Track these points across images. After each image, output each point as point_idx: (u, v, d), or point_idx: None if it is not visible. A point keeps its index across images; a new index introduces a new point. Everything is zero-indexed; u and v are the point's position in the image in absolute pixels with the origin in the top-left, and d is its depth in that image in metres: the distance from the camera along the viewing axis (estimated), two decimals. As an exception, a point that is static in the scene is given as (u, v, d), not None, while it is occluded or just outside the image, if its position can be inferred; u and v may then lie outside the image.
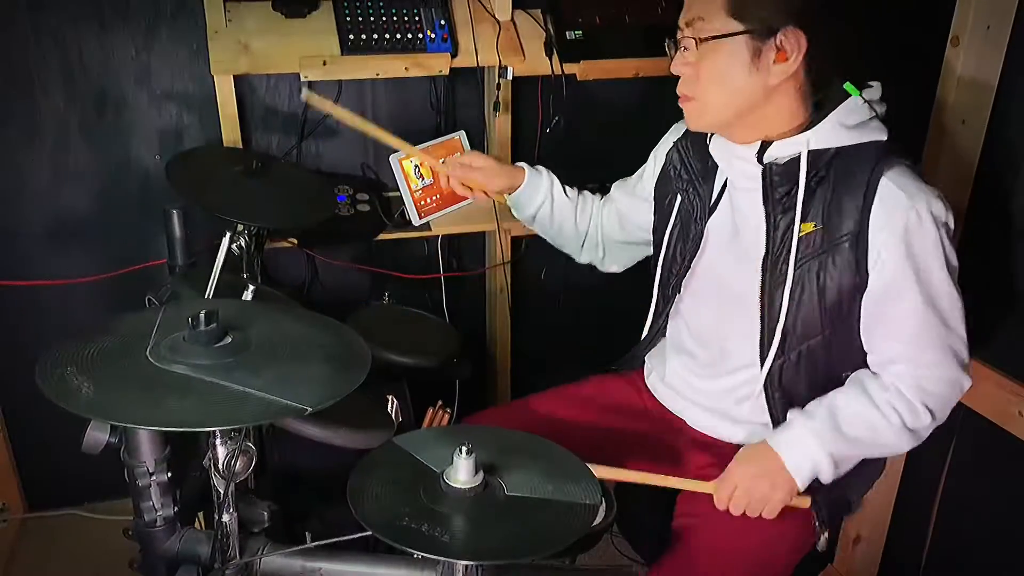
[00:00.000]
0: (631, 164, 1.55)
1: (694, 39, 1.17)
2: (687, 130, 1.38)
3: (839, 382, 1.28)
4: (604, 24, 1.95)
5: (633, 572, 1.23)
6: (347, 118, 1.52)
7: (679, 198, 1.38)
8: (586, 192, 1.57)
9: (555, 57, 1.91)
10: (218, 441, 0.99)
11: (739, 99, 1.19)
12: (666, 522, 1.35)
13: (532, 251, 2.17)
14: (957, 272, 1.21)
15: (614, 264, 1.59)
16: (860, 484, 1.41)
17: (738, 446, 1.32)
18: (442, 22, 1.85)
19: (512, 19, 1.93)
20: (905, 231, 1.15)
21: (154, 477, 1.06)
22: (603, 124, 2.12)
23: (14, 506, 2.10)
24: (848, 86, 1.20)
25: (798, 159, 1.20)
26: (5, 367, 1.95)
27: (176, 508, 1.10)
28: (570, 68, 1.93)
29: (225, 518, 1.04)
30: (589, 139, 2.12)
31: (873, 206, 1.16)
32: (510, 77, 1.91)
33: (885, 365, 1.24)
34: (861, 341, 1.26)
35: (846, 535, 1.89)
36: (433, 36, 1.84)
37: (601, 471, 1.13)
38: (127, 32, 1.80)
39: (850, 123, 1.19)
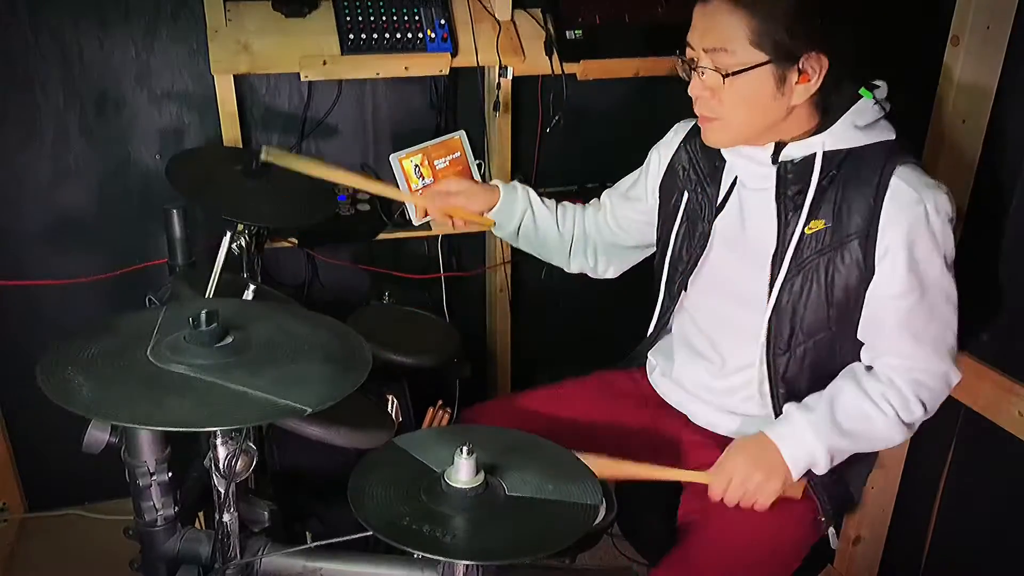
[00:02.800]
0: (631, 164, 1.55)
1: (718, 71, 1.17)
2: (692, 130, 1.38)
3: None
4: (604, 24, 1.95)
5: (633, 572, 1.23)
6: (311, 169, 1.48)
7: (686, 197, 1.39)
8: (565, 202, 1.57)
9: (555, 57, 1.91)
10: (219, 441, 0.99)
11: (763, 120, 1.21)
12: (667, 522, 1.35)
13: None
14: (953, 263, 1.23)
15: (609, 269, 1.58)
16: (858, 477, 1.42)
17: None
18: (442, 22, 1.85)
19: (512, 19, 1.93)
20: (913, 226, 1.18)
21: (155, 477, 1.06)
22: (603, 124, 2.12)
23: (14, 506, 2.10)
24: (863, 91, 1.22)
25: (812, 158, 1.22)
26: (5, 367, 1.95)
27: (176, 508, 1.10)
28: (570, 68, 1.93)
29: (226, 518, 1.04)
30: (589, 139, 2.12)
31: (884, 203, 1.18)
32: (510, 77, 1.91)
33: (880, 357, 1.25)
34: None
35: (846, 535, 1.89)
36: (433, 36, 1.84)
37: (593, 461, 1.13)
38: (127, 32, 1.80)
39: (861, 123, 1.22)
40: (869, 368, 1.27)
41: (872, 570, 1.88)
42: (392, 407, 1.64)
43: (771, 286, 1.26)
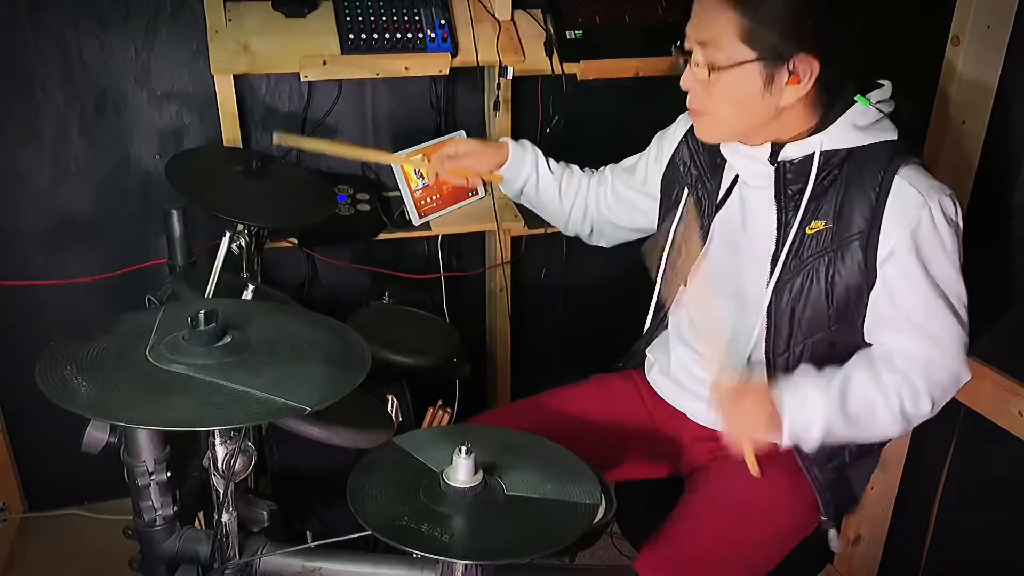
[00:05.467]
0: (630, 164, 1.55)
1: (707, 64, 1.17)
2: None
3: None
4: (604, 24, 1.95)
5: (633, 572, 1.22)
6: (322, 147, 1.51)
7: (686, 192, 1.39)
8: (573, 167, 1.57)
9: (555, 57, 1.91)
10: (217, 441, 0.99)
11: (752, 118, 1.20)
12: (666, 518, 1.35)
13: (532, 251, 2.17)
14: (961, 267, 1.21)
15: (602, 240, 1.60)
16: (862, 477, 1.41)
17: None
18: (442, 22, 1.85)
19: (512, 19, 1.93)
20: (917, 228, 1.16)
21: (154, 477, 1.06)
22: (603, 124, 2.12)
23: (14, 506, 2.10)
24: (859, 98, 1.21)
25: (810, 158, 1.21)
26: (5, 367, 1.95)
27: (176, 508, 1.10)
28: (570, 68, 1.93)
29: (225, 518, 1.04)
30: (589, 139, 2.12)
31: (887, 204, 1.17)
32: (510, 77, 1.91)
33: (897, 353, 1.22)
34: (863, 336, 1.26)
35: (846, 535, 1.89)
36: (433, 36, 1.84)
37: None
38: (127, 32, 1.81)
39: (861, 124, 1.21)
40: (886, 356, 1.23)
41: (872, 570, 1.88)
42: (392, 407, 1.64)
43: (770, 286, 1.26)
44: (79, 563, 1.96)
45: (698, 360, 1.41)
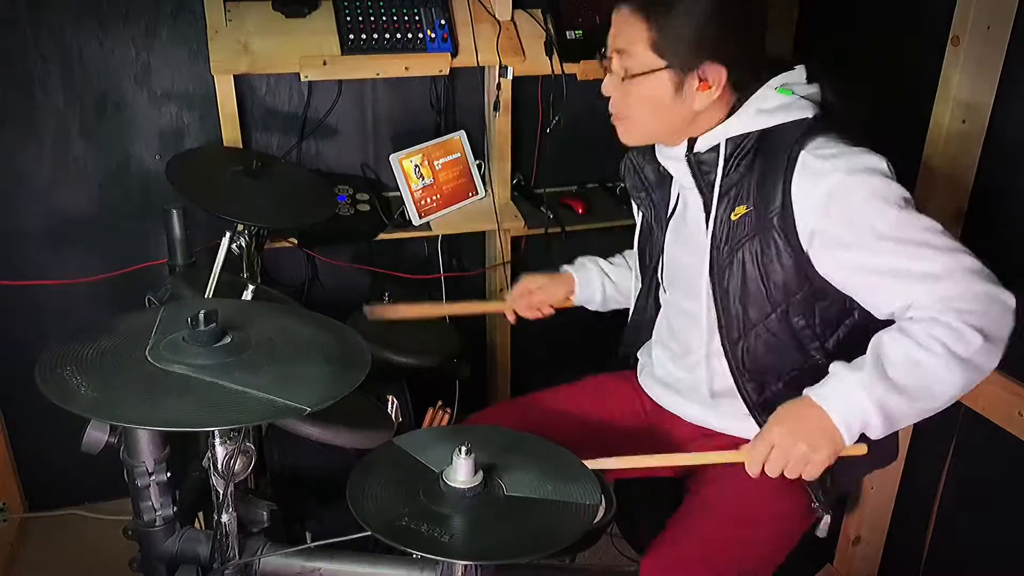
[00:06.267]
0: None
1: (621, 71, 1.23)
2: (632, 150, 1.42)
3: (814, 364, 1.26)
4: (604, 24, 1.93)
5: (633, 572, 1.22)
6: (420, 312, 1.64)
7: (640, 204, 1.44)
8: (625, 253, 1.61)
9: (555, 57, 1.91)
10: (217, 441, 0.99)
11: (667, 122, 1.24)
12: (668, 521, 1.35)
13: (532, 251, 2.17)
14: (912, 200, 1.16)
15: None
16: (853, 467, 1.39)
17: (733, 437, 1.35)
18: (442, 22, 1.85)
19: (512, 19, 1.93)
20: (830, 197, 1.14)
21: (153, 477, 1.06)
22: (603, 124, 2.11)
23: (14, 506, 2.10)
24: (780, 90, 1.22)
25: (718, 147, 1.24)
26: (5, 367, 1.95)
27: (175, 508, 1.10)
28: (570, 68, 1.93)
29: (224, 518, 1.04)
30: (589, 139, 2.12)
31: (793, 180, 1.17)
32: (510, 77, 1.91)
33: (907, 310, 1.15)
34: (824, 315, 1.24)
35: (846, 535, 1.89)
36: (433, 36, 1.84)
37: (614, 461, 1.15)
38: (127, 32, 1.81)
39: (767, 107, 1.22)
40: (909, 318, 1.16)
41: (872, 570, 1.88)
42: (392, 407, 1.64)
43: (711, 274, 1.28)
44: (79, 563, 1.96)
45: (673, 360, 1.43)
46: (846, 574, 1.91)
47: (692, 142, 1.26)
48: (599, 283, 1.58)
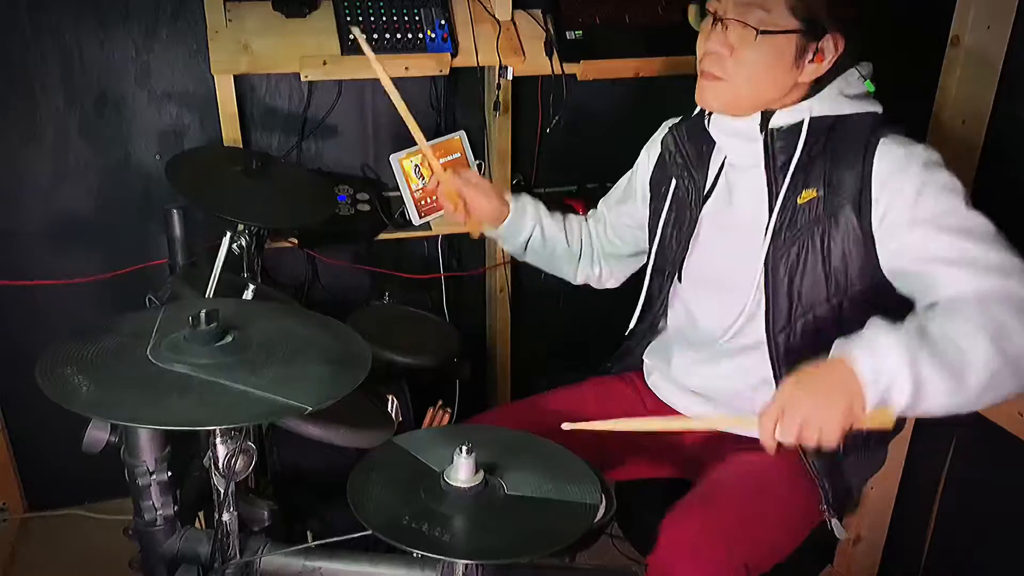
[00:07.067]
0: (631, 164, 1.54)
1: (751, 26, 1.17)
2: (680, 121, 1.40)
3: None
4: (604, 24, 1.95)
5: (633, 572, 1.22)
6: (380, 72, 1.40)
7: (674, 183, 1.39)
8: (569, 215, 1.58)
9: (555, 57, 1.91)
10: (218, 440, 0.99)
11: (770, 88, 1.21)
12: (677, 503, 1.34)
13: (532, 251, 2.17)
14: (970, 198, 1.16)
15: (611, 279, 1.61)
16: (858, 475, 1.39)
17: (742, 438, 1.32)
18: (442, 22, 1.86)
19: (512, 19, 1.93)
20: (911, 186, 1.15)
21: (154, 476, 1.06)
22: (603, 124, 2.13)
23: (14, 506, 2.10)
24: (868, 84, 1.24)
25: (799, 125, 1.22)
26: (5, 367, 1.95)
27: (176, 507, 1.10)
28: (570, 68, 1.93)
29: (225, 517, 1.04)
30: (589, 139, 2.13)
31: (874, 166, 1.17)
32: (510, 77, 1.91)
33: (954, 298, 1.10)
34: (873, 312, 1.16)
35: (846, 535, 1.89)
36: (433, 36, 1.84)
37: (600, 424, 1.11)
38: (127, 32, 1.81)
39: (849, 93, 1.23)
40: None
41: (872, 570, 1.88)
42: (392, 407, 1.64)
43: (766, 259, 1.25)
44: (79, 563, 1.96)
45: (698, 359, 1.40)
46: (846, 574, 1.91)
47: (764, 115, 1.23)
48: (530, 226, 1.49)
